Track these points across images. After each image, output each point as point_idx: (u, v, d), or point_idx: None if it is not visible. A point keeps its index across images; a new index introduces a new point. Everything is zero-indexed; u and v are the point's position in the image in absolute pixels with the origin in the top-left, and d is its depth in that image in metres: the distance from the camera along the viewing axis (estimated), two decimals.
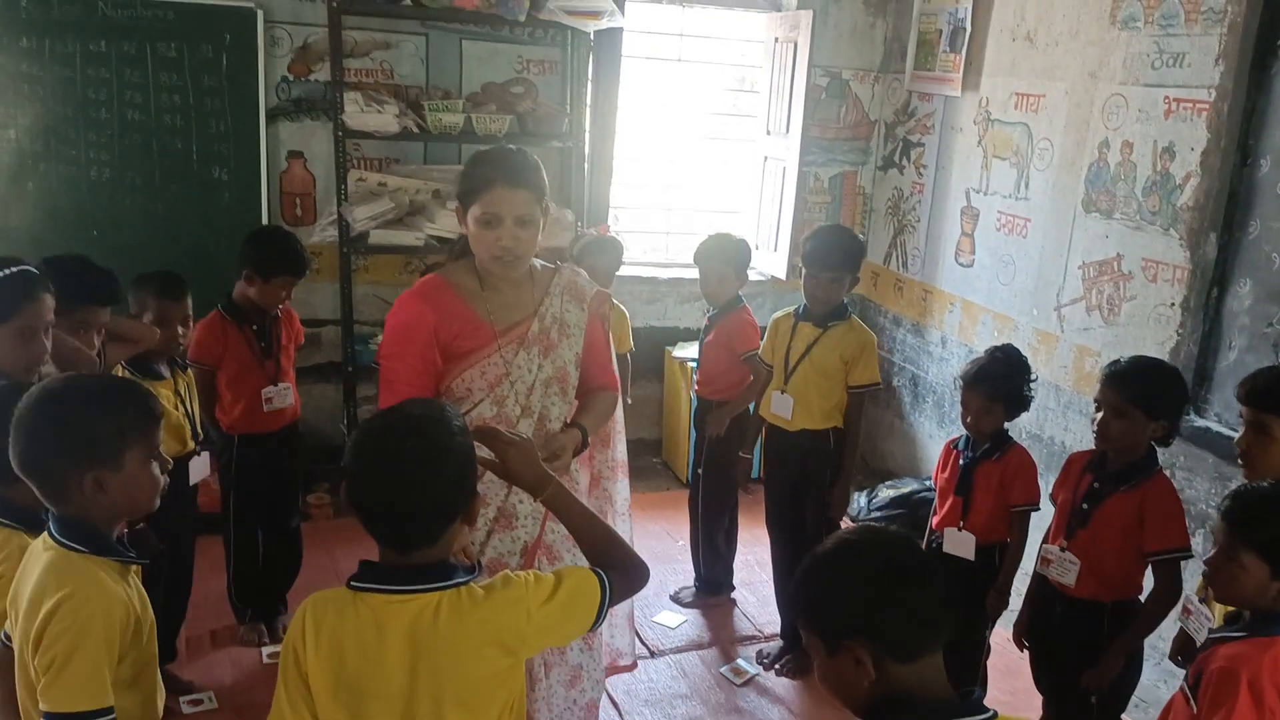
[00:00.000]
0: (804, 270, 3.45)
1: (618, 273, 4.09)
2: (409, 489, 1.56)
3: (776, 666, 3.66)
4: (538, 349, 2.39)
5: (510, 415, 2.36)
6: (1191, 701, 1.98)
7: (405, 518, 1.58)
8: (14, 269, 2.24)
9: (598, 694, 2.63)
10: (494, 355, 2.35)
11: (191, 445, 3.15)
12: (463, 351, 2.34)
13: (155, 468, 1.78)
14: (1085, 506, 2.72)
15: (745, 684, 3.58)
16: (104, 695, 1.64)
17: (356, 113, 4.27)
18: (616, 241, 4.11)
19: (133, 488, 1.74)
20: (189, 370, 3.23)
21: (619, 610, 2.80)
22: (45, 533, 1.74)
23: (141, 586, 1.83)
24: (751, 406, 3.77)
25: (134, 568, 1.79)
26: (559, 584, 1.66)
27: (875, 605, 1.38)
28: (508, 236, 2.27)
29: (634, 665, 2.96)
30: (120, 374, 2.84)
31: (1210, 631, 2.09)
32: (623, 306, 4.17)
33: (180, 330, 3.06)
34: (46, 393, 1.73)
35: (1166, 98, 3.64)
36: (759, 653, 3.75)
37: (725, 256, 3.81)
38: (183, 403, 3.13)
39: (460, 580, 1.61)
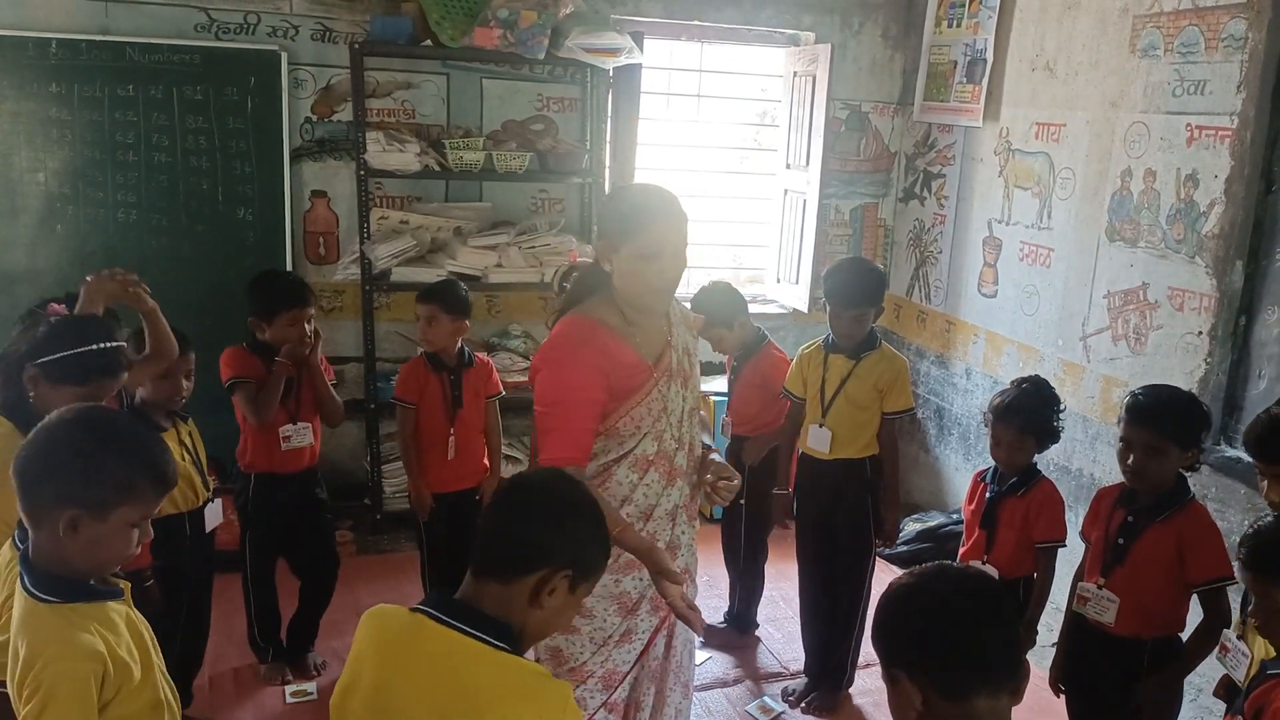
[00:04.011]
0: (828, 307, 3.44)
1: None
2: (534, 509, 1.60)
3: (803, 705, 3.61)
4: (680, 379, 2.40)
5: (668, 449, 2.37)
6: None
7: (509, 537, 1.59)
8: (109, 344, 2.28)
9: None
10: (654, 391, 2.34)
11: (205, 495, 3.12)
12: (628, 390, 2.32)
13: (135, 535, 1.71)
14: (1121, 542, 2.67)
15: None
16: None
17: (378, 152, 4.31)
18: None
19: (105, 545, 1.68)
20: (190, 419, 3.15)
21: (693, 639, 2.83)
22: (21, 579, 1.70)
23: (138, 615, 1.79)
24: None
25: (119, 603, 1.75)
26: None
27: (921, 640, 1.43)
28: (670, 269, 2.30)
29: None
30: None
31: (1265, 664, 2.04)
32: None
33: (185, 384, 3.02)
34: (82, 416, 1.72)
35: (1189, 125, 3.62)
36: (784, 690, 3.69)
37: (713, 312, 3.67)
38: (188, 452, 3.07)
39: (505, 647, 1.54)
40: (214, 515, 3.19)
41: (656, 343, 2.38)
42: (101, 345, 2.24)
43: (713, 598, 4.14)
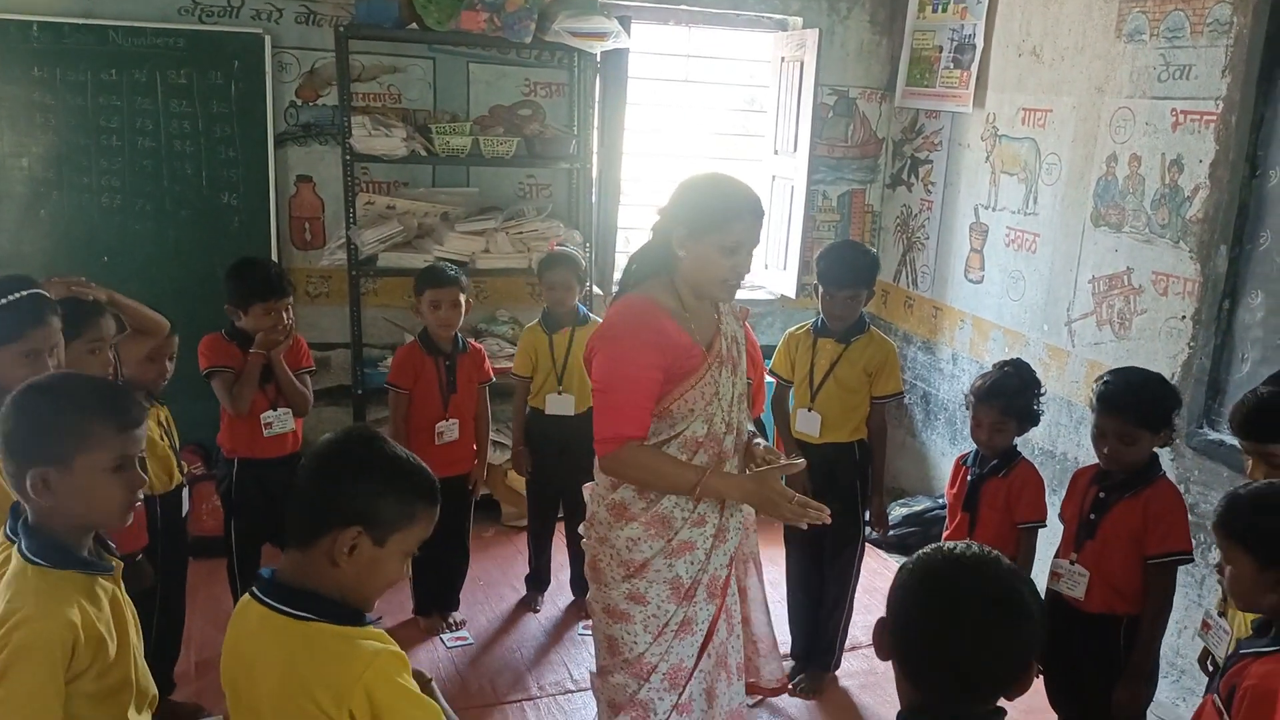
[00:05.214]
0: (820, 289, 3.44)
1: (589, 288, 4.07)
2: (316, 473, 1.62)
3: (790, 687, 3.62)
4: (729, 365, 2.46)
5: (718, 431, 2.42)
6: (1225, 716, 1.94)
7: (296, 504, 1.62)
8: (25, 292, 2.26)
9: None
10: (707, 375, 2.40)
11: (179, 478, 3.09)
12: (684, 373, 2.37)
13: (121, 481, 1.71)
14: (1092, 517, 2.73)
15: (758, 704, 3.54)
16: (38, 718, 1.60)
17: (364, 136, 4.29)
18: (568, 254, 4.07)
19: (86, 496, 1.68)
20: (165, 406, 3.11)
21: (764, 638, 2.79)
22: (17, 543, 1.71)
23: (126, 597, 1.79)
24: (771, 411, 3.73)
25: (108, 579, 1.76)
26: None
27: (906, 628, 1.42)
28: (744, 265, 2.37)
29: (780, 687, 2.94)
30: None
31: (1240, 644, 2.06)
32: None
33: (168, 365, 3.01)
34: (28, 385, 1.73)
35: (1174, 110, 3.63)
36: None
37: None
38: (166, 434, 3.05)
39: (304, 615, 1.57)
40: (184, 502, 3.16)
41: (708, 329, 2.45)
42: (16, 295, 2.22)
43: None
